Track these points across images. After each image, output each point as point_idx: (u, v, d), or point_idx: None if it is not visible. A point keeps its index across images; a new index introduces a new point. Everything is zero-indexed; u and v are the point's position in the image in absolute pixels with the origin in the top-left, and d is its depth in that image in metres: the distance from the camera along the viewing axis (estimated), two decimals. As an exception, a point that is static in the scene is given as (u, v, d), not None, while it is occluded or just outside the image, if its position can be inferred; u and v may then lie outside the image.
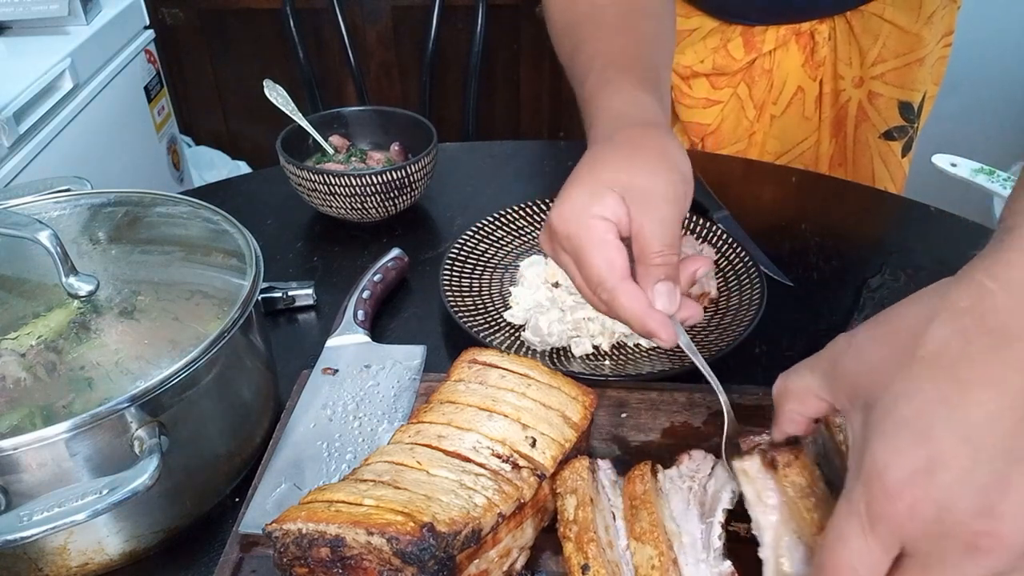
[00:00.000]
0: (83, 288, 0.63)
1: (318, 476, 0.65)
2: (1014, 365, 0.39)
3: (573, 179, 0.62)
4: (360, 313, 0.83)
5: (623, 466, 0.64)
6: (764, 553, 0.53)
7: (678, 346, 0.79)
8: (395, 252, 0.92)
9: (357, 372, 0.76)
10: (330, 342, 0.80)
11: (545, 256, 0.89)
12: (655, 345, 0.82)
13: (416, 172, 0.99)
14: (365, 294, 0.85)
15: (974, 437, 0.38)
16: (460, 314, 0.84)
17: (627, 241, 0.60)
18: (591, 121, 0.67)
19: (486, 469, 0.58)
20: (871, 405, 0.43)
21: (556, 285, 0.86)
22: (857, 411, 0.44)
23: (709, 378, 0.63)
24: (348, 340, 0.80)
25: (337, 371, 0.76)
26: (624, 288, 0.59)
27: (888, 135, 1.22)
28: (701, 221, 0.96)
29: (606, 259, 0.60)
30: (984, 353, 0.40)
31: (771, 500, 0.53)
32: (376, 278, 0.88)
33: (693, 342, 0.81)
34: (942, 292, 0.46)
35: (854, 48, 1.16)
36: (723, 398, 0.62)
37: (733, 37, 1.16)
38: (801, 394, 0.51)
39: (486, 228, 0.97)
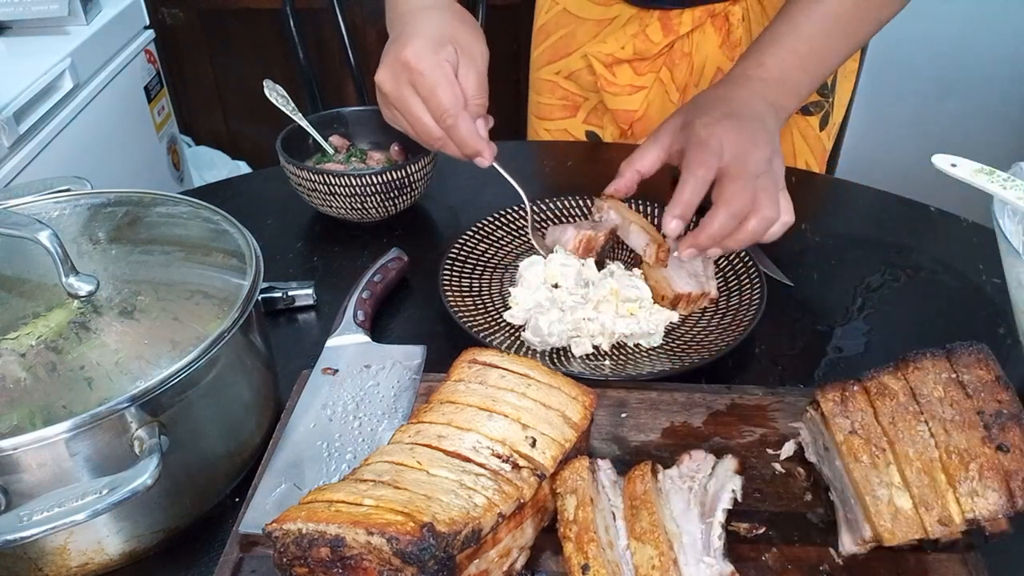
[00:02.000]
0: (83, 288, 0.63)
1: (318, 476, 0.65)
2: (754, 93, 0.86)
3: (414, 31, 0.80)
4: (360, 313, 0.83)
5: (623, 466, 0.64)
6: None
7: (676, 345, 0.80)
8: (395, 252, 0.92)
9: (357, 372, 0.76)
10: (330, 342, 0.80)
11: (544, 257, 0.89)
12: (655, 345, 0.82)
13: (416, 172, 0.99)
14: (365, 294, 0.85)
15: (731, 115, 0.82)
16: (460, 314, 0.84)
17: None
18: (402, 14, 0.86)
19: (486, 469, 0.58)
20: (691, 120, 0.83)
21: (556, 286, 0.86)
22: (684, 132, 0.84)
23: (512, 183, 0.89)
24: (348, 340, 0.80)
25: (337, 371, 0.76)
26: (464, 116, 0.80)
27: (805, 110, 1.25)
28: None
29: (454, 93, 0.79)
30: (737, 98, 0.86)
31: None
32: (376, 278, 0.88)
33: (694, 342, 0.82)
34: (729, 87, 0.89)
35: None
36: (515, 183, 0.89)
37: (651, 22, 1.18)
38: (646, 157, 0.87)
39: (486, 228, 0.97)
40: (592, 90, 1.28)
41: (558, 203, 1.01)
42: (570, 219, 0.99)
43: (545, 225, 0.99)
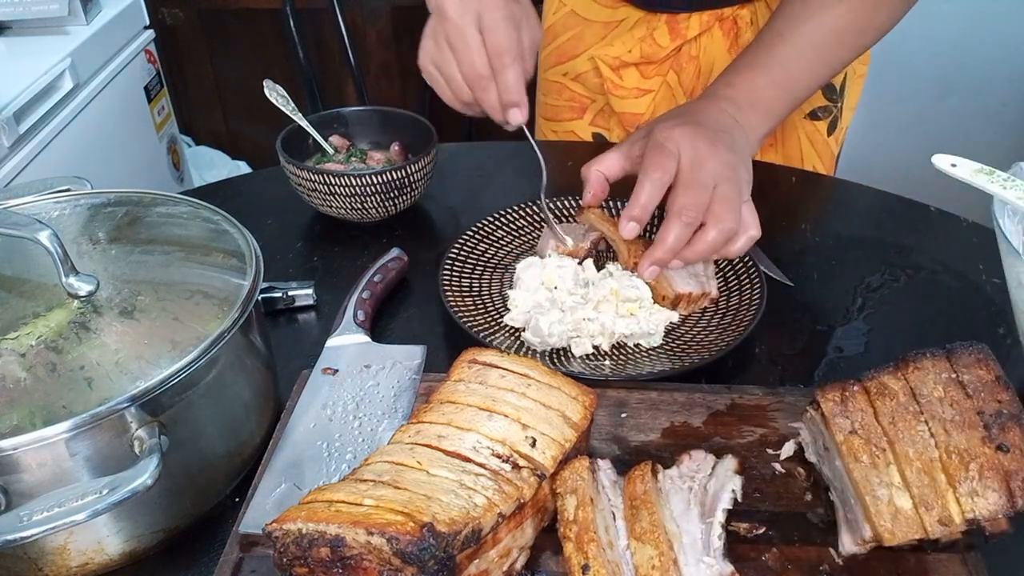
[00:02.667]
0: (83, 288, 0.63)
1: (318, 476, 0.65)
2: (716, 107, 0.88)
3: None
4: (360, 313, 0.83)
5: (623, 466, 0.64)
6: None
7: (676, 345, 0.80)
8: (395, 252, 0.92)
9: (357, 372, 0.76)
10: (330, 342, 0.80)
11: (541, 258, 0.89)
12: (655, 345, 0.82)
13: (416, 172, 0.99)
14: (365, 294, 0.85)
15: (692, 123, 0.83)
16: (460, 314, 0.84)
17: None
18: None
19: (486, 469, 0.58)
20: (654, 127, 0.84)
21: (554, 288, 0.86)
22: (646, 139, 0.85)
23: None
24: (348, 340, 0.80)
25: (337, 371, 0.76)
26: (518, 62, 0.82)
27: (813, 115, 1.24)
28: (701, 221, 0.96)
29: (514, 36, 0.81)
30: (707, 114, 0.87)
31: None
32: (376, 278, 0.88)
33: (694, 342, 0.82)
34: (697, 103, 0.91)
35: None
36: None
37: (658, 25, 1.18)
38: (607, 159, 0.88)
39: (486, 228, 0.97)
40: (599, 92, 1.28)
41: (557, 203, 1.01)
42: (568, 219, 0.99)
43: (540, 227, 0.98)
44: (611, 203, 0.98)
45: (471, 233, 0.96)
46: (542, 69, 1.34)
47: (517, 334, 0.84)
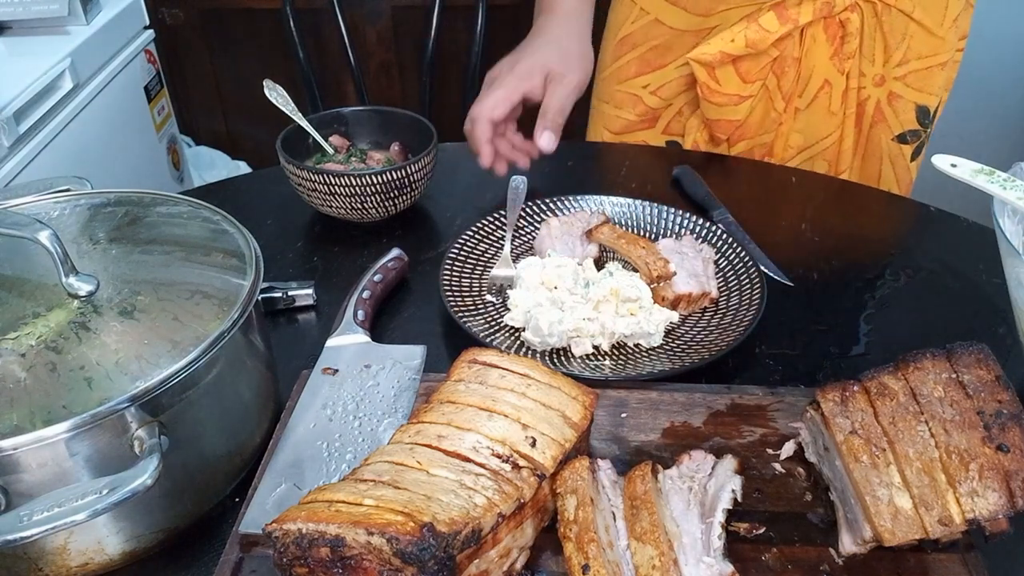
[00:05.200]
0: (83, 288, 0.63)
1: (318, 476, 0.65)
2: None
3: (531, 52, 1.06)
4: (360, 313, 0.83)
5: (623, 466, 0.64)
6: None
7: (676, 345, 0.80)
8: (395, 252, 0.92)
9: (357, 372, 0.76)
10: (330, 342, 0.80)
11: (541, 258, 0.89)
12: (655, 345, 0.82)
13: (416, 172, 0.99)
14: (365, 294, 0.85)
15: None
16: (460, 314, 0.84)
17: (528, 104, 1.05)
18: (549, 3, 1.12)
19: (486, 469, 0.58)
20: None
21: (555, 288, 0.86)
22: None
23: None
24: (348, 340, 0.80)
25: (337, 371, 0.76)
26: (482, 123, 1.01)
27: (902, 138, 1.22)
28: (701, 221, 0.96)
29: (492, 107, 1.01)
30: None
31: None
32: (376, 278, 0.88)
33: (694, 342, 0.82)
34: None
35: (879, 45, 1.15)
36: None
37: (765, 11, 1.12)
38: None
39: (486, 228, 0.97)
40: (676, 94, 1.24)
41: (557, 203, 1.01)
42: (562, 212, 0.99)
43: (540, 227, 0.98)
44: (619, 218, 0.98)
45: (471, 233, 0.96)
46: (615, 80, 1.28)
47: (517, 334, 0.84)
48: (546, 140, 1.00)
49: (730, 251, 0.92)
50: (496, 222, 0.98)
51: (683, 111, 1.25)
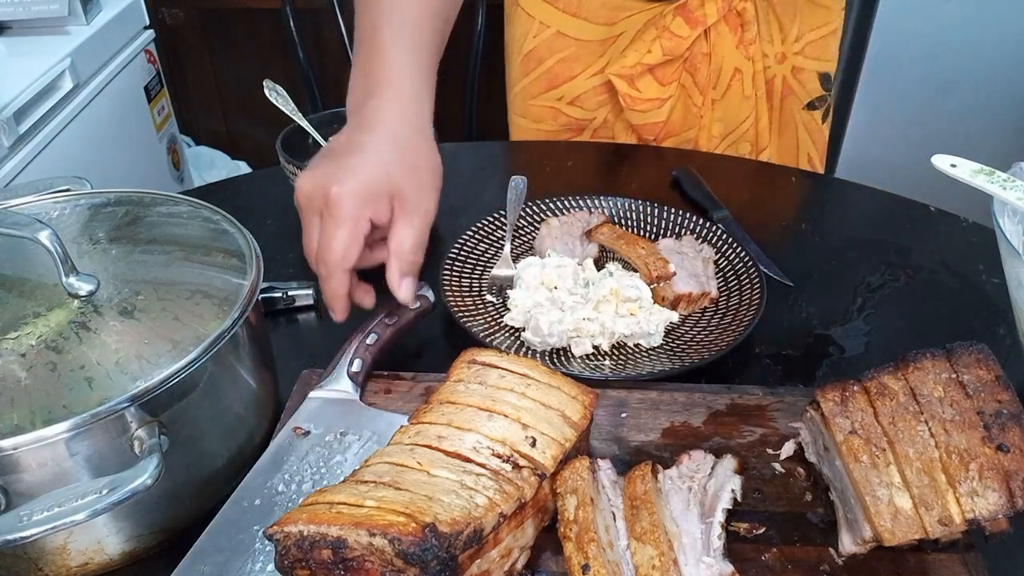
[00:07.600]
0: (83, 288, 0.63)
1: (241, 571, 0.58)
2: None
3: (360, 162, 0.74)
4: (356, 363, 0.73)
5: (623, 466, 0.64)
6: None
7: (676, 345, 0.80)
8: (421, 288, 0.79)
9: (329, 439, 0.68)
10: (314, 393, 0.72)
11: (541, 258, 0.89)
12: (655, 345, 0.82)
13: (416, 172, 0.99)
14: (370, 339, 0.75)
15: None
16: (460, 314, 0.84)
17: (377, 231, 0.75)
18: (382, 80, 0.80)
19: (487, 469, 0.58)
20: None
21: (554, 288, 0.86)
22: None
23: None
24: (334, 395, 0.72)
25: (308, 432, 0.69)
26: (339, 275, 0.73)
27: (811, 105, 1.27)
28: (701, 221, 0.96)
29: (345, 251, 0.72)
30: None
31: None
32: (388, 319, 0.76)
33: (694, 342, 0.82)
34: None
35: (775, 26, 1.21)
36: None
37: (671, 19, 1.16)
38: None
39: (486, 228, 0.97)
40: (598, 108, 1.26)
41: (557, 202, 1.01)
42: (562, 212, 0.99)
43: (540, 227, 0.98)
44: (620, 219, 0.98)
45: (471, 233, 0.96)
46: (527, 96, 1.29)
47: (517, 334, 0.84)
48: (405, 290, 0.75)
49: (730, 251, 0.92)
50: (496, 222, 0.98)
51: (608, 120, 1.28)
